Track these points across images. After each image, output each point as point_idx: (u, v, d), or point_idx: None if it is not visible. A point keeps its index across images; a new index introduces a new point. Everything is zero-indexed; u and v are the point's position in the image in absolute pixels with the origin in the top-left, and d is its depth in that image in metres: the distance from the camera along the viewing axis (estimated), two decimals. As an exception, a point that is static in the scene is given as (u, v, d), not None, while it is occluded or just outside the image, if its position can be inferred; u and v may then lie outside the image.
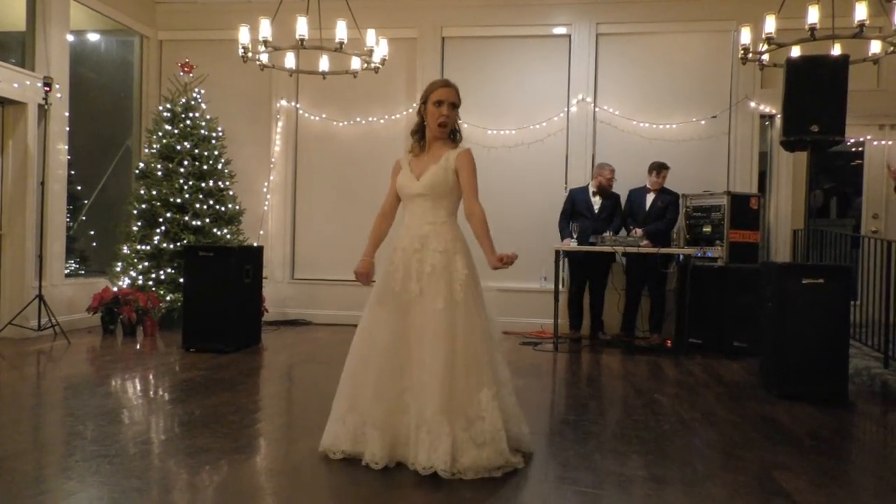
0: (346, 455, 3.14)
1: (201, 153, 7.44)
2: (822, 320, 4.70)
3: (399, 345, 3.12)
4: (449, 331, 3.05)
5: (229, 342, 6.01)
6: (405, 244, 3.23)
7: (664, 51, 7.79)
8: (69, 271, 7.40)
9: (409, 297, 3.15)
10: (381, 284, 3.23)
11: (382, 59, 6.51)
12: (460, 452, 2.96)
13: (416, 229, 3.24)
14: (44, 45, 6.87)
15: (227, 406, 4.15)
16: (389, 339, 3.12)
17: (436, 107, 3.25)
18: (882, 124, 7.56)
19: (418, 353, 3.08)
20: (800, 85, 5.03)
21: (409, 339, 3.12)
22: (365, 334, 3.21)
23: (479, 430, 3.00)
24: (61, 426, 3.76)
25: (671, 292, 7.11)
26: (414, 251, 3.19)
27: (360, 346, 3.22)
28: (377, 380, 3.10)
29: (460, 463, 2.95)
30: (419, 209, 3.27)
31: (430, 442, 2.96)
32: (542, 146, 7.92)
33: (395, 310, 3.15)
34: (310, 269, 8.30)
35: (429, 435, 2.96)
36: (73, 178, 7.46)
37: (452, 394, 3.00)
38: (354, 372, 3.20)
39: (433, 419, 2.96)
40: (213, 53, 8.18)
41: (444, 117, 3.24)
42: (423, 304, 3.11)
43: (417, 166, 3.30)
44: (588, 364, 6.05)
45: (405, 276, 3.17)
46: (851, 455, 3.64)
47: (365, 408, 3.12)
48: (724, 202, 6.83)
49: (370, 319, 3.21)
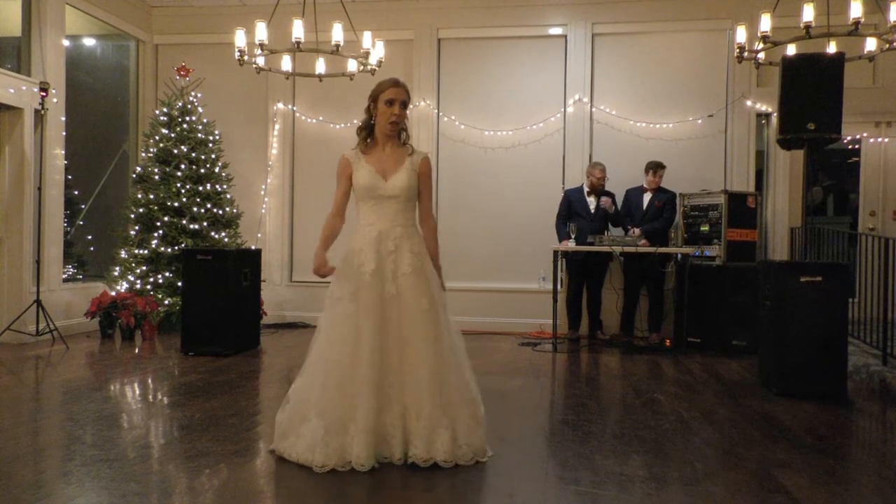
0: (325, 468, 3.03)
1: (198, 157, 7.44)
2: (821, 318, 4.71)
3: (382, 345, 3.11)
4: (436, 329, 3.16)
5: (228, 345, 6.01)
6: (378, 246, 3.20)
7: (660, 50, 7.81)
8: (67, 276, 7.39)
9: (385, 298, 3.15)
10: (351, 285, 3.18)
11: (379, 61, 6.51)
12: (466, 435, 3.10)
13: (388, 231, 3.24)
14: (40, 50, 6.87)
15: (226, 409, 4.14)
16: (371, 339, 3.09)
17: (387, 106, 3.26)
18: (878, 121, 7.58)
19: (402, 353, 3.11)
20: (796, 83, 5.03)
21: (388, 339, 3.12)
22: (338, 338, 3.15)
23: (479, 411, 3.23)
24: (60, 431, 3.75)
25: (669, 292, 7.11)
26: (388, 252, 3.20)
27: (334, 349, 3.15)
28: (366, 380, 3.06)
29: (465, 445, 3.08)
30: (390, 210, 3.27)
31: (428, 436, 3.04)
32: (540, 147, 7.93)
33: (372, 310, 3.12)
34: (308, 272, 8.21)
35: (426, 429, 3.04)
36: (70, 182, 7.44)
37: (446, 388, 3.12)
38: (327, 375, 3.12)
39: (431, 414, 3.05)
40: (210, 57, 8.19)
41: (395, 116, 3.25)
42: (404, 305, 3.15)
43: (378, 166, 3.28)
44: (587, 364, 6.05)
45: (379, 276, 3.16)
46: (851, 452, 3.65)
47: (344, 411, 3.06)
48: (721, 201, 6.84)
49: (341, 323, 3.15)
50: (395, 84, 3.29)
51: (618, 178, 7.37)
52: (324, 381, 3.14)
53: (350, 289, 3.18)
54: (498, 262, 7.93)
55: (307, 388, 3.21)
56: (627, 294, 7.26)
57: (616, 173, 7.37)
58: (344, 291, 3.20)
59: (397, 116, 3.26)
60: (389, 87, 3.27)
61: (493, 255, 7.96)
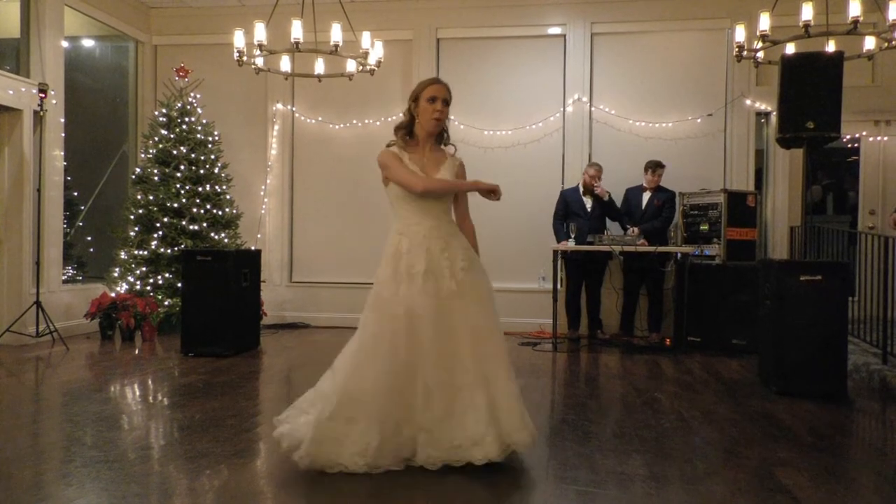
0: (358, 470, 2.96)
1: (198, 157, 7.43)
2: (821, 317, 4.71)
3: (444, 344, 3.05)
4: (496, 323, 3.19)
5: (228, 346, 6.00)
6: (428, 245, 3.16)
7: (659, 49, 7.81)
8: (67, 277, 7.39)
9: (443, 296, 3.10)
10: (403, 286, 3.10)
11: (378, 61, 6.51)
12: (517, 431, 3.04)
13: (436, 228, 3.20)
14: (39, 52, 6.86)
15: (226, 410, 4.14)
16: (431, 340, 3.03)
17: (429, 103, 3.21)
18: (877, 120, 7.58)
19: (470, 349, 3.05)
20: (795, 82, 5.03)
21: (451, 337, 3.06)
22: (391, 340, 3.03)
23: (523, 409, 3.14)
24: (60, 432, 3.75)
25: (669, 291, 7.11)
26: (441, 250, 3.16)
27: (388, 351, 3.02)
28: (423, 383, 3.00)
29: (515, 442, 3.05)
30: (435, 209, 3.23)
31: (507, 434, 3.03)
32: (539, 146, 7.93)
33: (428, 310, 3.05)
34: (308, 272, 8.30)
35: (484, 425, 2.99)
36: (69, 184, 7.44)
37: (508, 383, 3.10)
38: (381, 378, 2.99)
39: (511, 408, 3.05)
40: (209, 58, 8.19)
41: (439, 112, 3.21)
42: (465, 300, 3.12)
43: (420, 165, 3.24)
44: (587, 363, 6.05)
45: (433, 275, 3.11)
46: (851, 451, 3.65)
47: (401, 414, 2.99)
48: (720, 200, 6.84)
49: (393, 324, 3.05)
50: (436, 81, 3.26)
51: (617, 178, 7.37)
52: (375, 384, 2.99)
53: (402, 290, 3.09)
54: (497, 262, 7.89)
55: (350, 389, 3.01)
56: (627, 293, 7.26)
57: (615, 173, 7.37)
58: (393, 293, 3.10)
59: (440, 113, 3.22)
60: (431, 85, 3.23)
61: (493, 255, 7.87)
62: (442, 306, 3.08)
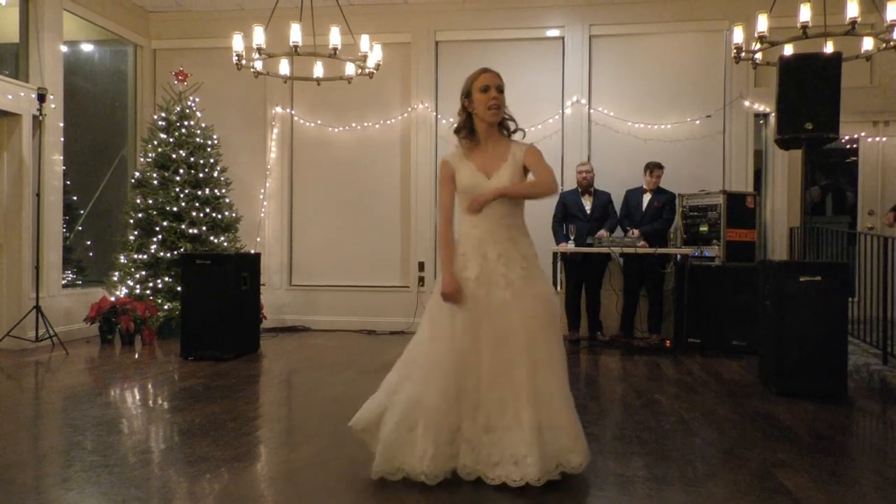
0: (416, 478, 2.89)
1: (197, 161, 7.44)
2: (821, 317, 4.71)
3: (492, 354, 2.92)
4: (553, 334, 3.02)
5: (228, 350, 6.00)
6: (483, 250, 3.02)
7: (657, 51, 7.82)
8: (66, 282, 7.39)
9: (494, 305, 2.96)
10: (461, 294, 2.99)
11: (377, 64, 6.52)
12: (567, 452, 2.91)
13: (493, 233, 3.05)
14: (37, 57, 6.87)
15: (226, 414, 4.14)
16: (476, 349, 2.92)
17: (482, 93, 3.06)
18: (876, 121, 7.59)
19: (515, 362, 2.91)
20: (793, 83, 5.04)
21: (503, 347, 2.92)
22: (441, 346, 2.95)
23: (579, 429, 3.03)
24: (60, 436, 3.74)
25: (669, 292, 7.11)
26: (498, 256, 3.02)
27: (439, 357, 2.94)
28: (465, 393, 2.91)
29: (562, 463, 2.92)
30: (495, 212, 3.04)
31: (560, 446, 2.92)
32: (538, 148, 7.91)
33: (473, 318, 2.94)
34: (307, 276, 8.29)
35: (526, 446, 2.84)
36: (68, 188, 7.45)
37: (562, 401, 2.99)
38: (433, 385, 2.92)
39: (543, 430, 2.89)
40: (207, 61, 8.20)
41: (494, 100, 3.04)
42: (521, 311, 2.94)
43: (481, 164, 3.09)
44: (587, 365, 6.05)
45: (486, 283, 2.98)
46: (852, 452, 3.65)
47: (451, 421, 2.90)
48: (720, 201, 6.84)
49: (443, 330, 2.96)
50: (485, 71, 3.11)
51: (616, 179, 7.38)
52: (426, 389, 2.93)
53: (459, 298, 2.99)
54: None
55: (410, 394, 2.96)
56: (627, 295, 7.26)
57: (615, 174, 7.37)
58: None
59: (496, 100, 3.04)
60: (481, 75, 3.09)
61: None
62: (493, 315, 2.95)
